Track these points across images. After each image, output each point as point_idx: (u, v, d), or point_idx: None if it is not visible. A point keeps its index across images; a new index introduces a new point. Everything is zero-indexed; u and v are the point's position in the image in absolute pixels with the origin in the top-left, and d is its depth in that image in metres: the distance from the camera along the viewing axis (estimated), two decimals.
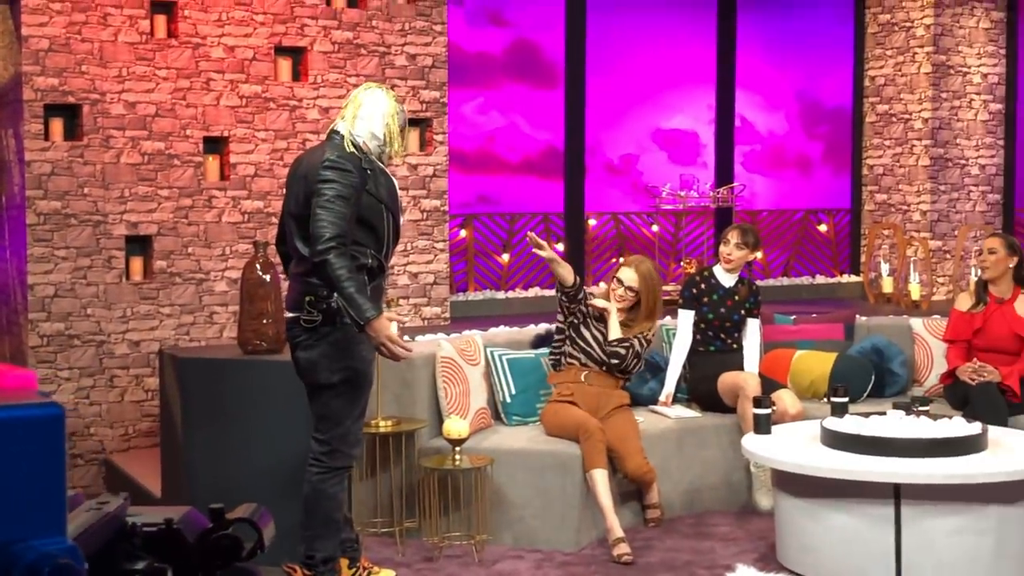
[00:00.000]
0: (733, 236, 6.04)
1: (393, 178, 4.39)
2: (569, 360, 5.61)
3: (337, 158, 4.18)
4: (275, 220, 6.59)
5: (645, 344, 5.62)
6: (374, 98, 4.34)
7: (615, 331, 5.55)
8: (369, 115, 4.31)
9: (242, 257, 6.40)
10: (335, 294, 4.12)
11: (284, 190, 4.46)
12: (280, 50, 6.70)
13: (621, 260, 6.46)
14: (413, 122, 7.02)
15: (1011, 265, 5.91)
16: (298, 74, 6.78)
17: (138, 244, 6.43)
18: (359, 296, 4.05)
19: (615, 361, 5.53)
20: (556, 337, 5.68)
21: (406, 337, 6.06)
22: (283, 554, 5.19)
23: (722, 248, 6.08)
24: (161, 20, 6.43)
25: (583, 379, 5.52)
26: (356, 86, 6.68)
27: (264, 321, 5.75)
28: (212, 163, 6.58)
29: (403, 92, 6.93)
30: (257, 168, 6.63)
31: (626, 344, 5.55)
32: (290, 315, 4.35)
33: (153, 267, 6.45)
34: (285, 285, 6.62)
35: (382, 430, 5.17)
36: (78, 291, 6.26)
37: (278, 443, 5.64)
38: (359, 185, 4.19)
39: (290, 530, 5.55)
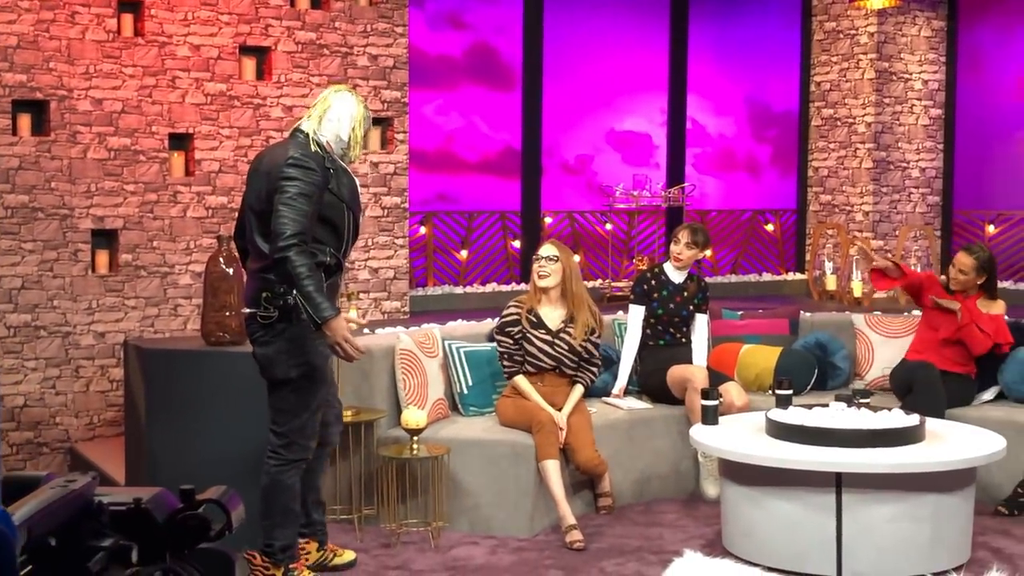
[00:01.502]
0: (683, 236, 6.13)
1: (355, 177, 4.44)
2: (519, 370, 5.58)
3: (301, 156, 4.18)
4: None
5: (598, 342, 5.65)
6: (344, 101, 4.36)
7: (571, 403, 5.53)
8: (337, 118, 4.34)
9: (206, 251, 6.47)
10: (292, 290, 4.13)
11: (246, 186, 4.48)
12: (245, 49, 6.78)
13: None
14: (375, 121, 7.13)
15: (979, 283, 6.02)
16: (262, 73, 6.86)
17: (104, 238, 6.49)
18: (318, 295, 4.07)
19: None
20: (505, 363, 5.60)
21: (366, 330, 6.21)
22: (244, 541, 5.31)
23: (672, 247, 6.16)
24: (128, 19, 6.50)
25: (538, 385, 5.54)
26: (320, 86, 6.84)
27: (227, 314, 5.84)
28: (177, 159, 6.66)
29: (365, 92, 7.05)
30: (221, 164, 6.73)
31: (595, 371, 5.66)
32: (247, 311, 4.36)
33: (119, 260, 6.50)
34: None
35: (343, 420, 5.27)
36: (45, 283, 6.31)
37: (240, 433, 5.71)
38: (322, 183, 4.20)
39: (251, 517, 5.68)
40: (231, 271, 5.87)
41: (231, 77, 6.72)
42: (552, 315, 5.58)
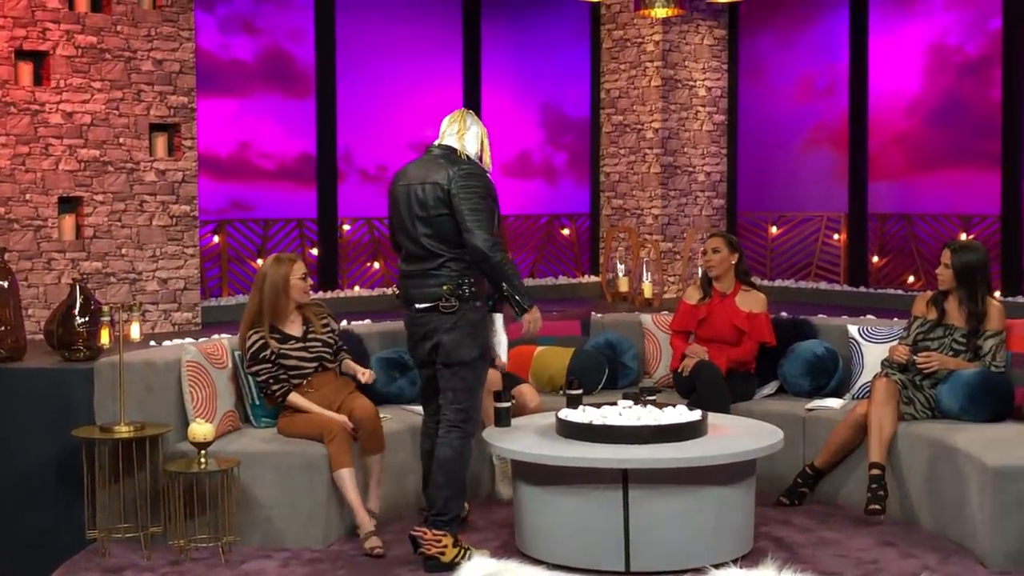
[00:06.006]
0: None
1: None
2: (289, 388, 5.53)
3: (472, 166, 4.88)
4: (16, 227, 6.47)
5: (335, 326, 5.75)
6: (473, 121, 5.03)
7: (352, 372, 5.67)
8: (472, 135, 4.99)
9: None
10: (468, 281, 4.82)
11: (396, 200, 4.98)
12: (21, 54, 6.52)
13: None
14: (160, 127, 6.97)
15: (733, 262, 6.36)
16: (40, 78, 6.61)
17: None
18: (523, 286, 4.90)
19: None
20: (273, 389, 5.48)
21: (152, 343, 6.06)
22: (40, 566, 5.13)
23: None
24: None
25: (310, 392, 5.51)
26: (101, 91, 6.67)
27: (2, 328, 5.63)
28: None
29: (150, 98, 6.87)
30: None
31: (346, 348, 5.74)
32: (424, 306, 4.88)
33: None
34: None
35: (124, 436, 5.08)
36: None
37: (17, 451, 5.52)
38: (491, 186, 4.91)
39: (39, 538, 5.47)
40: (5, 284, 5.65)
41: (7, 83, 6.45)
42: (293, 324, 5.61)
